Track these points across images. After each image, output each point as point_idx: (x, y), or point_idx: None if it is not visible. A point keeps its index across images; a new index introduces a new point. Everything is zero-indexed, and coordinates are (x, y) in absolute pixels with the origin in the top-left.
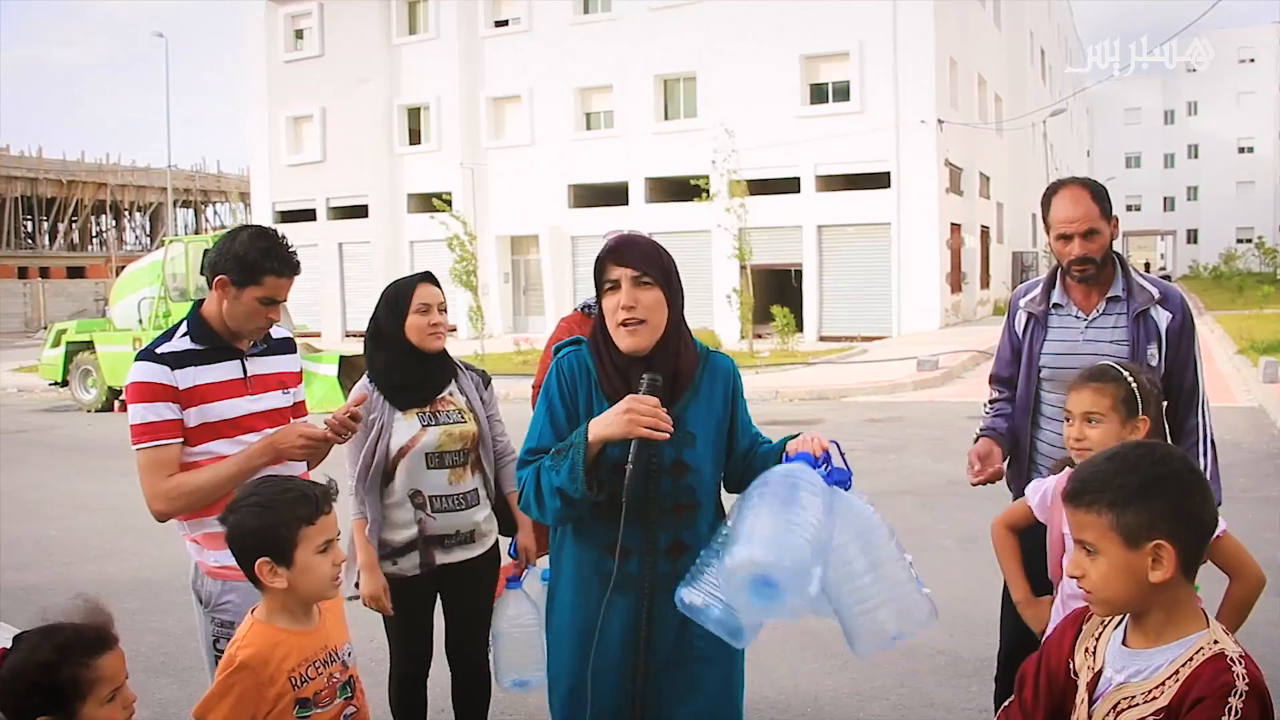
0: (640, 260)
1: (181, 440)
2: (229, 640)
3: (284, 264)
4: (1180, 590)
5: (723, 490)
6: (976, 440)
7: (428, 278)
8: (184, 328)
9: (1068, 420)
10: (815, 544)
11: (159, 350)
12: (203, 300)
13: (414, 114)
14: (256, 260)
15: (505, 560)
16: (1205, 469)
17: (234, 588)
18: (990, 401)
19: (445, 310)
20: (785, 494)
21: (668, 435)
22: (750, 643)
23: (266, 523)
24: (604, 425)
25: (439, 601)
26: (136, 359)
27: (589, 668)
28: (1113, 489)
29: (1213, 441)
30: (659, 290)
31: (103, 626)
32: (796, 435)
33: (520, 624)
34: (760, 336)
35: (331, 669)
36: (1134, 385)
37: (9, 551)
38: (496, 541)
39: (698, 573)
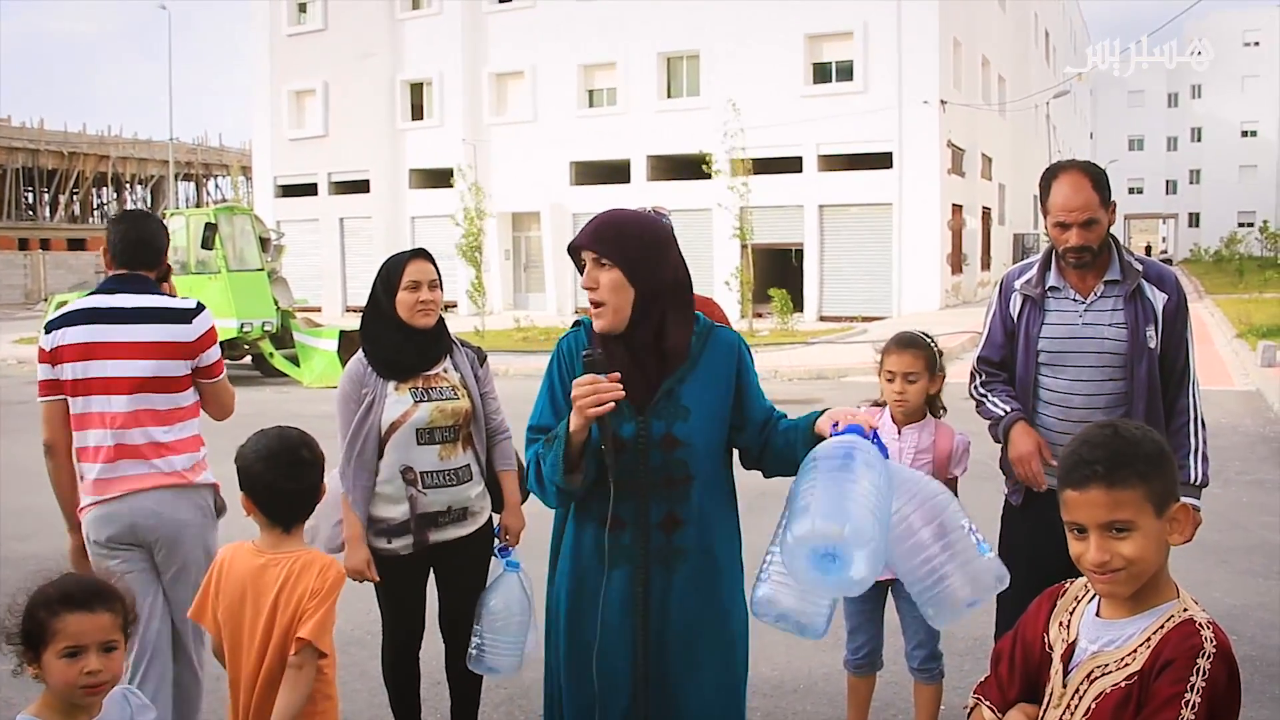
0: (596, 242)
1: None
2: None
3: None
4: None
5: (738, 466)
6: (1008, 426)
7: (420, 254)
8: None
9: (889, 379)
10: (874, 512)
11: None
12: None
13: (416, 89)
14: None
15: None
16: (1196, 448)
17: None
18: (984, 384)
19: (437, 287)
20: (840, 464)
21: (614, 403)
22: (824, 635)
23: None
24: (572, 420)
25: (432, 575)
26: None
27: (595, 640)
28: (1141, 460)
29: (1202, 421)
30: (618, 271)
31: (105, 589)
32: (821, 411)
33: (507, 612)
34: (760, 316)
35: None
36: (935, 348)
37: (12, 522)
38: (490, 518)
39: (766, 565)
